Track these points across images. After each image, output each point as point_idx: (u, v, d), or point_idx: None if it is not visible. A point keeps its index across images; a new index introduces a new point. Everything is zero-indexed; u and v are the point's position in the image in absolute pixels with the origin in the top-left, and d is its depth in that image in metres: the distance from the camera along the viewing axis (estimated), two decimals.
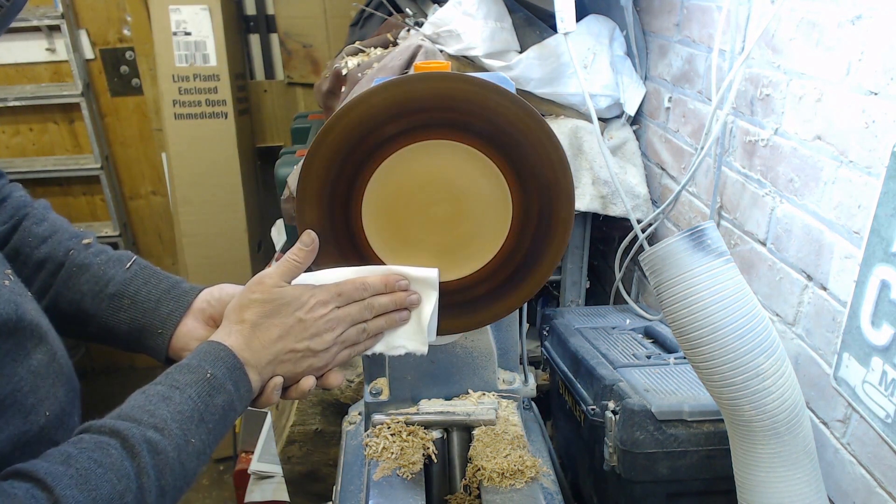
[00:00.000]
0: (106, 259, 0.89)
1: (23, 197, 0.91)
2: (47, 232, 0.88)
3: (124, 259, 0.90)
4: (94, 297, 0.86)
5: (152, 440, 0.64)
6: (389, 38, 2.02)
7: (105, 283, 0.87)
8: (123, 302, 0.86)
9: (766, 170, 1.21)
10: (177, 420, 0.67)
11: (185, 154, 2.80)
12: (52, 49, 2.98)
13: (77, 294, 0.86)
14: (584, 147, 1.68)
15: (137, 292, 0.87)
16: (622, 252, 1.68)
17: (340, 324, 0.81)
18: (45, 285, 0.87)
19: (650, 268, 0.94)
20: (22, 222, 0.88)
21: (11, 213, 0.88)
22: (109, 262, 0.89)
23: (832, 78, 1.01)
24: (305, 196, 0.85)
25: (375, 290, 0.84)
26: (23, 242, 0.87)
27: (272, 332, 0.78)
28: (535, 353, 1.79)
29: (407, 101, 0.81)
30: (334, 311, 0.81)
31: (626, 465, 1.15)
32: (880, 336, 0.86)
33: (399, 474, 0.96)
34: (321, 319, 0.80)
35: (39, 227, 0.88)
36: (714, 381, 0.91)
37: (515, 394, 1.10)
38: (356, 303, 0.83)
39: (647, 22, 1.74)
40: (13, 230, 0.87)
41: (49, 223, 0.89)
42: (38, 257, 0.87)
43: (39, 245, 0.87)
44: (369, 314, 0.83)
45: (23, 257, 0.86)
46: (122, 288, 0.87)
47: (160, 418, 0.66)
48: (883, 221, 0.85)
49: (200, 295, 0.89)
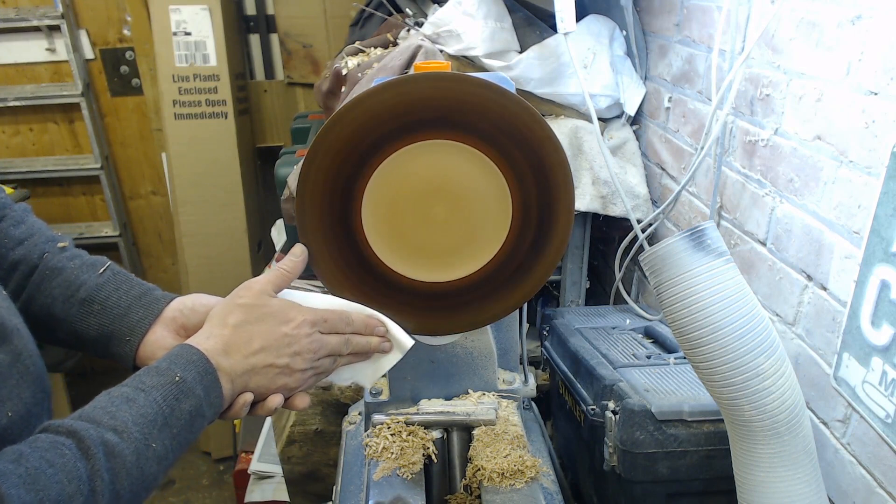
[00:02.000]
0: (80, 264, 0.88)
1: (5, 198, 0.89)
2: (24, 234, 0.87)
3: (98, 264, 0.88)
4: (65, 302, 0.85)
5: (109, 442, 0.63)
6: (389, 38, 2.02)
7: (76, 288, 0.85)
8: (93, 307, 0.85)
9: (766, 170, 1.21)
10: (138, 423, 0.65)
11: (185, 154, 2.79)
12: (52, 49, 2.97)
13: (48, 298, 0.85)
14: (584, 147, 1.68)
15: (108, 298, 0.85)
16: (622, 252, 1.68)
17: (321, 349, 0.81)
18: (18, 288, 0.85)
19: (650, 268, 0.94)
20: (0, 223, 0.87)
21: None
22: (83, 267, 0.87)
23: (832, 78, 1.01)
24: (305, 196, 0.85)
25: (356, 328, 0.84)
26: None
27: (254, 343, 0.77)
28: (535, 353, 1.79)
29: (407, 101, 0.81)
30: (318, 334, 0.80)
31: (626, 465, 1.15)
32: (880, 336, 0.86)
33: (399, 474, 0.96)
34: (305, 339, 0.79)
35: (17, 229, 0.87)
36: (714, 381, 0.91)
37: (515, 394, 1.10)
38: (337, 334, 0.82)
39: (647, 22, 1.74)
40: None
41: (27, 226, 0.88)
42: (13, 259, 0.86)
43: (15, 247, 0.86)
44: (345, 349, 0.83)
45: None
46: (93, 293, 0.85)
47: (121, 420, 0.65)
48: (883, 221, 0.85)
49: (172, 304, 0.87)
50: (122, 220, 3.25)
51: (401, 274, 0.90)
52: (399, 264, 0.89)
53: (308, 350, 0.79)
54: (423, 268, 0.90)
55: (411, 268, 0.90)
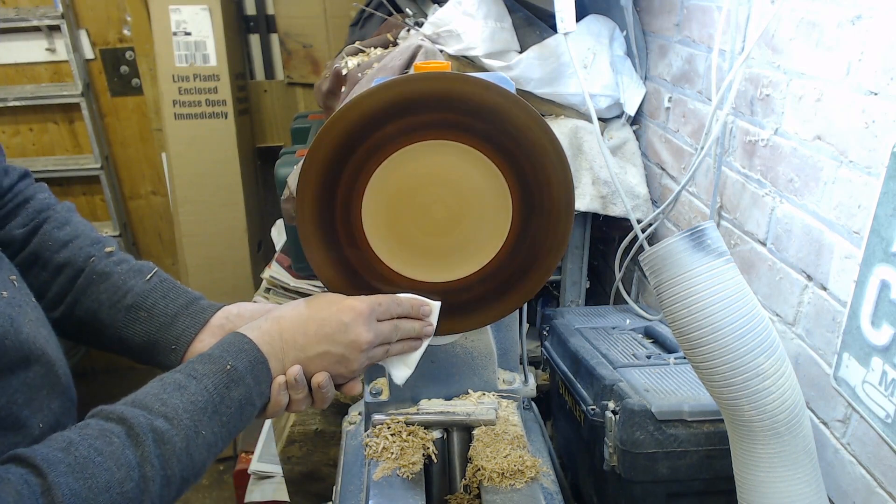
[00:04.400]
0: (127, 269, 0.88)
1: (46, 199, 0.89)
2: (68, 236, 0.87)
3: (145, 270, 0.89)
4: (112, 307, 0.85)
5: (159, 429, 0.64)
6: (389, 38, 2.02)
7: (123, 294, 0.85)
8: (140, 314, 0.85)
9: (766, 170, 1.21)
10: (189, 410, 0.67)
11: (185, 154, 2.79)
12: (52, 49, 2.97)
13: (94, 303, 0.85)
14: (584, 147, 1.68)
15: (154, 305, 0.86)
16: (622, 252, 1.68)
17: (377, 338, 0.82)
18: (62, 291, 0.85)
19: (650, 268, 0.94)
20: (42, 225, 0.87)
21: (33, 215, 0.87)
22: (130, 272, 0.87)
23: (832, 78, 1.01)
24: (305, 196, 0.85)
25: (404, 310, 0.85)
26: (43, 246, 0.86)
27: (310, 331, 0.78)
28: (535, 353, 1.79)
29: (407, 100, 0.81)
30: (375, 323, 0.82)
31: (626, 465, 1.15)
32: (880, 336, 0.86)
33: (399, 474, 0.96)
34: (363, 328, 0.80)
35: (61, 231, 0.87)
36: (714, 381, 0.91)
37: (515, 394, 1.10)
38: (389, 321, 0.83)
39: (647, 22, 1.74)
40: (34, 232, 0.86)
41: (71, 227, 0.88)
42: (58, 262, 0.85)
43: (59, 249, 0.86)
44: (394, 336, 0.84)
45: (42, 261, 0.85)
46: (140, 300, 0.86)
47: (171, 407, 0.66)
48: (883, 221, 0.85)
49: (218, 312, 0.88)
50: (122, 220, 3.25)
51: (401, 274, 0.90)
52: (399, 264, 0.89)
53: (365, 341, 0.80)
54: (422, 268, 0.90)
55: (411, 268, 0.90)
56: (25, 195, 0.88)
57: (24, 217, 0.86)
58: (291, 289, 2.12)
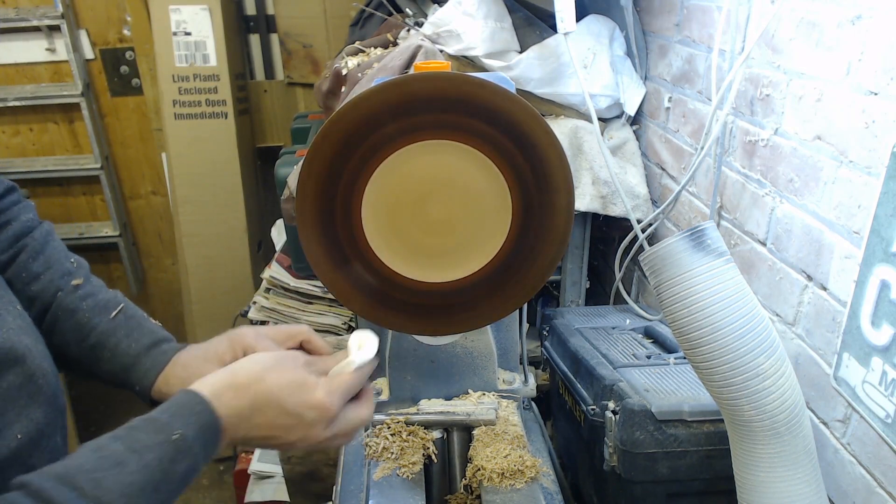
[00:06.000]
0: (93, 304, 0.86)
1: (28, 222, 0.87)
2: (41, 268, 0.86)
3: (111, 306, 0.87)
4: (78, 346, 0.84)
5: None
6: (389, 38, 2.02)
7: (87, 333, 0.84)
8: (104, 354, 0.84)
9: (766, 170, 1.21)
10: (126, 494, 0.60)
11: (185, 154, 2.79)
12: (52, 49, 2.97)
13: (62, 339, 0.84)
14: (584, 147, 1.68)
15: (118, 345, 0.84)
16: (622, 252, 1.68)
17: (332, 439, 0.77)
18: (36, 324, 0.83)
19: (650, 268, 0.94)
20: (19, 255, 0.86)
21: (12, 241, 0.86)
22: (96, 309, 0.86)
23: (832, 78, 1.01)
24: (305, 196, 0.85)
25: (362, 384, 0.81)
26: (17, 277, 0.85)
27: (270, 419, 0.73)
28: (535, 353, 1.79)
29: (407, 100, 0.81)
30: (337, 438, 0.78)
31: (626, 465, 1.15)
32: (880, 336, 0.86)
33: (399, 474, 0.96)
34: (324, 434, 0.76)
35: (35, 262, 0.85)
36: (714, 381, 0.91)
37: (515, 394, 1.10)
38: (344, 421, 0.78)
39: (647, 22, 1.74)
40: (10, 262, 0.85)
41: (45, 257, 0.87)
42: (30, 295, 0.84)
43: (31, 282, 0.85)
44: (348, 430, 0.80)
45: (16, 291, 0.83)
46: (104, 339, 0.84)
47: (105, 489, 0.59)
48: (883, 221, 0.85)
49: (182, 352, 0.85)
50: (122, 220, 3.25)
51: (401, 274, 0.90)
52: (399, 264, 0.89)
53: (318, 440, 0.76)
54: (423, 268, 0.90)
55: (411, 268, 0.90)
56: (8, 216, 0.86)
57: (3, 242, 0.85)
58: (291, 289, 2.12)
